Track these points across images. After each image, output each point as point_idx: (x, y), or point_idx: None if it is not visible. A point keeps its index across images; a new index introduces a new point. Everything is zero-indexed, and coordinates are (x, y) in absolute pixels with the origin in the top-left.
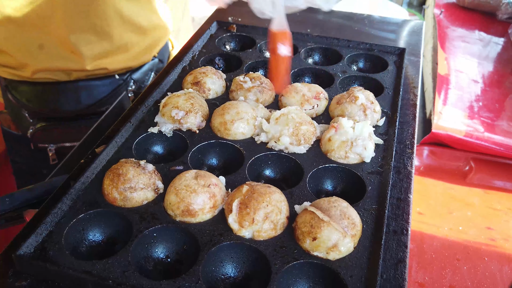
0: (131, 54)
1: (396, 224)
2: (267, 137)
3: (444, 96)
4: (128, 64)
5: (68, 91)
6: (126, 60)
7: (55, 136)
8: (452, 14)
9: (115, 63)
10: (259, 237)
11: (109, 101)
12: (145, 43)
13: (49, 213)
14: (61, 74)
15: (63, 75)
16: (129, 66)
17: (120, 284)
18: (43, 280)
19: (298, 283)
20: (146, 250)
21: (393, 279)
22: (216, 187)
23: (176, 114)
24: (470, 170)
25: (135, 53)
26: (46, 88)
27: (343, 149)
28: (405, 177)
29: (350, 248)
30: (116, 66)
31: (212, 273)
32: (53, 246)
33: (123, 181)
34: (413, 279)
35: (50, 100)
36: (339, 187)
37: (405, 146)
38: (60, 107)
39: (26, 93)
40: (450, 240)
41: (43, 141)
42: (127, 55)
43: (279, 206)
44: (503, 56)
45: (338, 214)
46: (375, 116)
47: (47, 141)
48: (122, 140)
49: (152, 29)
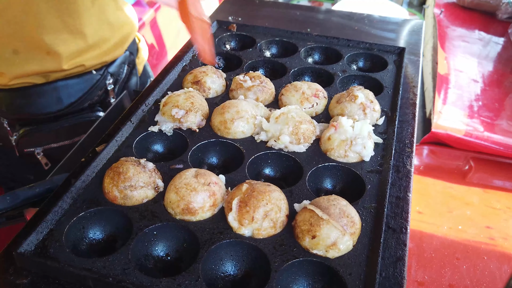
0: (104, 49)
1: (395, 223)
2: (267, 136)
3: (444, 95)
4: (103, 59)
5: (47, 93)
6: (101, 55)
7: (40, 139)
8: (452, 14)
9: (91, 60)
10: (258, 235)
11: (89, 97)
12: (115, 38)
13: (50, 211)
14: (38, 78)
15: (40, 78)
16: (104, 60)
17: (120, 281)
18: (44, 277)
19: (297, 281)
20: (146, 248)
21: (392, 277)
22: (216, 185)
23: (176, 113)
24: (469, 169)
25: (108, 48)
26: (25, 93)
27: (342, 148)
28: (404, 176)
29: (349, 246)
30: (92, 62)
31: (212, 271)
32: (53, 244)
33: (124, 179)
34: (413, 278)
35: (30, 104)
36: (339, 186)
37: (404, 145)
38: (41, 110)
39: (4, 101)
40: (449, 239)
41: (29, 146)
42: (101, 50)
43: (279, 204)
44: (503, 56)
45: (337, 212)
46: (375, 115)
47: (33, 145)
48: (122, 139)
49: (120, 26)
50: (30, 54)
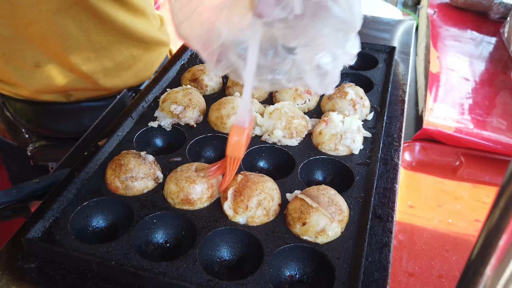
0: (132, 71)
1: (382, 212)
2: (261, 130)
3: (435, 93)
4: (129, 83)
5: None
6: (127, 78)
7: (55, 155)
8: (445, 14)
9: (116, 82)
10: (252, 223)
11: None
12: (145, 58)
13: (56, 200)
14: (60, 96)
15: (62, 97)
16: (131, 84)
17: (122, 265)
18: (50, 262)
19: (288, 265)
20: (147, 235)
21: (378, 261)
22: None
23: (175, 109)
24: (460, 165)
25: (136, 70)
26: (45, 109)
27: (333, 142)
28: (392, 168)
29: (338, 232)
30: (117, 84)
31: (208, 256)
32: (59, 231)
33: (125, 171)
34: (404, 269)
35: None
36: (329, 177)
37: (392, 139)
38: (61, 129)
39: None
40: (439, 232)
41: (44, 160)
42: (129, 72)
43: (271, 194)
44: (494, 55)
45: (326, 201)
46: (364, 110)
47: (48, 160)
48: (123, 134)
49: (152, 44)
50: (52, 69)
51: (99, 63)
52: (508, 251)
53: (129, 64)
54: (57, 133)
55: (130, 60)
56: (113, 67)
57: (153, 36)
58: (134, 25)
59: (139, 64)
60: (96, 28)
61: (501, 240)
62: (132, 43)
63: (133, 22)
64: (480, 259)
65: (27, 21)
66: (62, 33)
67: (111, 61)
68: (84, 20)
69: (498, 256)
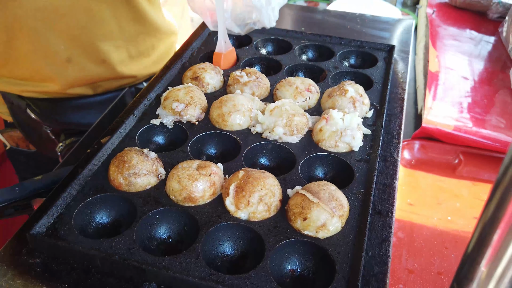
0: (153, 58)
1: (381, 207)
2: (262, 128)
3: (434, 92)
4: (152, 70)
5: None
6: (150, 65)
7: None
8: (444, 14)
9: (141, 69)
10: (254, 218)
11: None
12: (162, 47)
13: (59, 196)
14: (87, 89)
15: (89, 90)
16: (153, 72)
17: (126, 259)
18: (54, 257)
19: (290, 259)
20: (150, 230)
21: (378, 256)
22: (216, 175)
23: (176, 106)
24: (459, 163)
25: (156, 57)
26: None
27: (333, 139)
28: (391, 165)
29: (338, 227)
30: (142, 72)
31: (210, 251)
32: (63, 226)
33: (128, 167)
34: (403, 266)
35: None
36: (329, 174)
37: (392, 136)
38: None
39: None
40: (439, 230)
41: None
42: (150, 59)
43: (273, 189)
44: (493, 54)
45: (326, 196)
46: (364, 108)
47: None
48: (126, 131)
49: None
50: (83, 62)
51: (126, 51)
52: (502, 245)
53: (149, 52)
54: (86, 126)
55: (150, 49)
56: (137, 55)
57: (166, 26)
58: (155, 17)
59: (156, 53)
60: (128, 16)
61: (496, 234)
62: (154, 33)
63: (155, 13)
64: (475, 252)
65: (63, 11)
66: (98, 21)
67: (135, 49)
68: (118, 8)
69: (493, 249)
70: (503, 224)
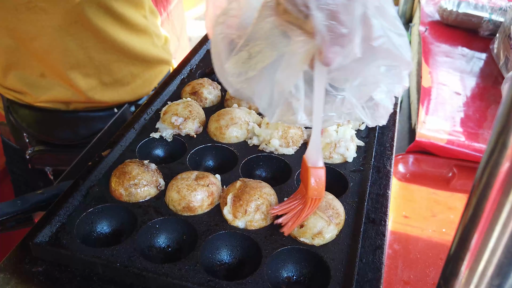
0: (131, 87)
1: (375, 216)
2: (258, 140)
3: (427, 106)
4: (126, 98)
5: (66, 122)
6: (125, 94)
7: (50, 160)
8: (436, 31)
9: (113, 96)
10: (251, 227)
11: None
12: (145, 75)
13: (62, 207)
14: (60, 104)
15: (62, 105)
16: (127, 100)
17: (127, 266)
18: (57, 265)
19: (286, 266)
20: (149, 239)
21: (372, 262)
22: (214, 185)
23: (175, 120)
24: (453, 176)
25: (135, 86)
26: (45, 115)
27: (327, 150)
28: (384, 175)
29: (334, 235)
30: (114, 99)
31: (209, 258)
32: (65, 235)
33: (128, 178)
34: (399, 278)
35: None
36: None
37: (385, 148)
38: (57, 135)
39: (26, 118)
40: (434, 241)
41: (40, 164)
42: (127, 88)
43: (269, 199)
44: (484, 70)
45: (323, 204)
46: (357, 121)
47: (44, 164)
48: (126, 144)
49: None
50: (55, 80)
51: (97, 79)
52: (480, 248)
53: (128, 80)
54: (54, 139)
55: (129, 77)
56: (111, 83)
57: (155, 55)
58: (134, 44)
59: (138, 81)
60: (96, 46)
61: (475, 234)
62: (132, 61)
63: (133, 41)
64: (458, 251)
65: (31, 35)
66: (62, 49)
67: (109, 77)
68: (85, 38)
69: (471, 253)
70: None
